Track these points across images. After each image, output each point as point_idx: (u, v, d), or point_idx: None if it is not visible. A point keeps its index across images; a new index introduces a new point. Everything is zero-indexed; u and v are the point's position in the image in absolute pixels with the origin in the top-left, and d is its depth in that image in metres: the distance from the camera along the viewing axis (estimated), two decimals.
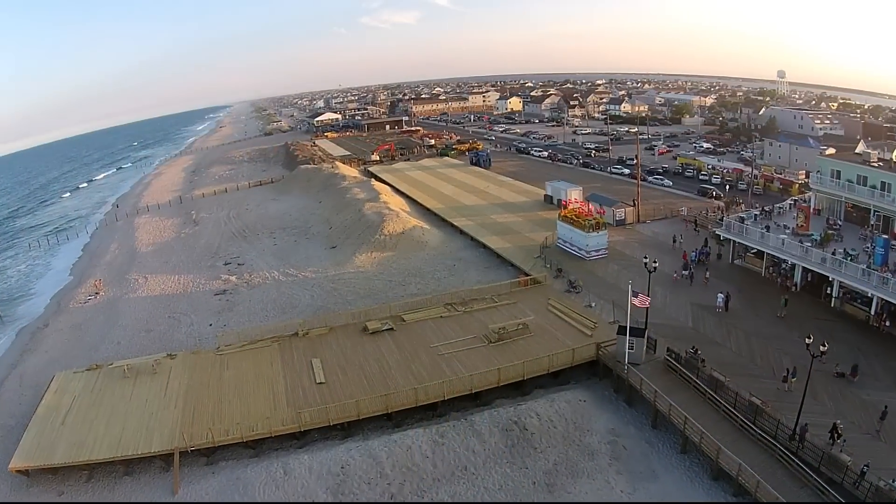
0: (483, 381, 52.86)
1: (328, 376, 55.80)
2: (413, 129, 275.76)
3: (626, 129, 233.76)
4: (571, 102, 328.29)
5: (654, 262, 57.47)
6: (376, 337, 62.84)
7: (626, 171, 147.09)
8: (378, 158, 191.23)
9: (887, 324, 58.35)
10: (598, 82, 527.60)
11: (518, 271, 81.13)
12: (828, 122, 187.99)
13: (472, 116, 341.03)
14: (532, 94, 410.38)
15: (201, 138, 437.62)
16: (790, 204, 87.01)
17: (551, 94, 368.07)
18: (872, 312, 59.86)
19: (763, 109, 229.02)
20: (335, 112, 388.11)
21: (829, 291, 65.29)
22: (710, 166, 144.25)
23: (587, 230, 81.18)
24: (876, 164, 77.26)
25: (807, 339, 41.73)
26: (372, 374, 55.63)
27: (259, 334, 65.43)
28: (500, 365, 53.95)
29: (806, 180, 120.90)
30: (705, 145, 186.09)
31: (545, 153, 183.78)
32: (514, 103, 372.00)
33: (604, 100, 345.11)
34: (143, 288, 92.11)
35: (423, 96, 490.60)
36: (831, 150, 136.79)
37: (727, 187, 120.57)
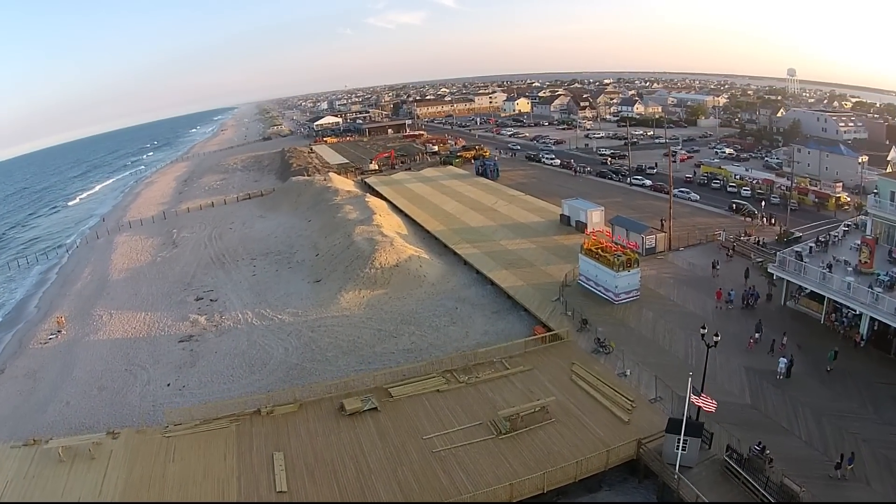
0: (490, 497, 40.07)
1: (291, 481, 43.16)
2: (416, 133, 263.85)
3: (641, 131, 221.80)
4: (581, 103, 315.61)
5: (716, 335, 44.65)
6: (355, 420, 49.82)
7: (648, 182, 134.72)
8: (377, 167, 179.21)
9: None
10: (607, 82, 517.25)
11: (533, 319, 68.30)
12: (851, 124, 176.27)
13: (479, 119, 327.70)
14: (540, 94, 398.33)
15: (201, 143, 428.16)
16: (844, 230, 74.23)
17: (560, 95, 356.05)
18: None
19: (781, 111, 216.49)
20: (337, 115, 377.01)
21: None
22: (737, 176, 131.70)
23: (616, 268, 67.90)
24: None
25: None
26: (346, 482, 42.70)
27: (214, 412, 52.77)
28: (513, 479, 40.84)
29: (843, 193, 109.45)
30: (727, 150, 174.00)
31: (557, 161, 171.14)
32: (523, 105, 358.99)
33: (614, 100, 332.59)
34: (105, 327, 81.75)
35: (427, 97, 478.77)
36: (864, 158, 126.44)
37: (762, 203, 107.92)
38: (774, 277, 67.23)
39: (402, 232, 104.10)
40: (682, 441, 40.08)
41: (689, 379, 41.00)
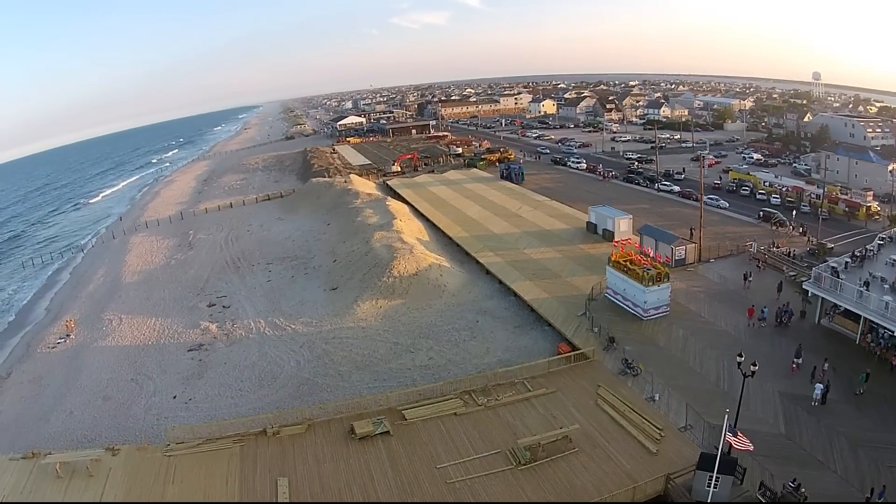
0: None
1: None
2: (440, 134, 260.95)
3: (668, 135, 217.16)
4: (607, 106, 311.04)
5: (754, 364, 41.00)
6: (365, 445, 46.47)
7: (676, 188, 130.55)
8: (399, 169, 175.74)
9: None
10: (632, 83, 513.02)
11: (557, 335, 64.48)
12: (879, 130, 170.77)
13: (504, 120, 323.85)
14: (566, 96, 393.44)
15: (223, 141, 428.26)
16: (879, 244, 70.00)
17: (586, 97, 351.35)
18: None
19: (808, 115, 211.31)
20: (360, 115, 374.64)
21: None
22: (766, 183, 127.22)
23: (646, 283, 63.85)
24: None
25: None
26: None
27: (218, 431, 49.91)
28: None
29: (873, 203, 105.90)
30: (755, 156, 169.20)
31: (583, 164, 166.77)
32: (548, 106, 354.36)
33: (640, 103, 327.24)
34: (115, 333, 79.65)
35: (452, 98, 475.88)
36: (894, 165, 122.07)
37: (793, 212, 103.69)
38: (810, 294, 63.22)
39: (422, 238, 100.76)
40: (713, 479, 36.72)
41: (726, 417, 37.59)
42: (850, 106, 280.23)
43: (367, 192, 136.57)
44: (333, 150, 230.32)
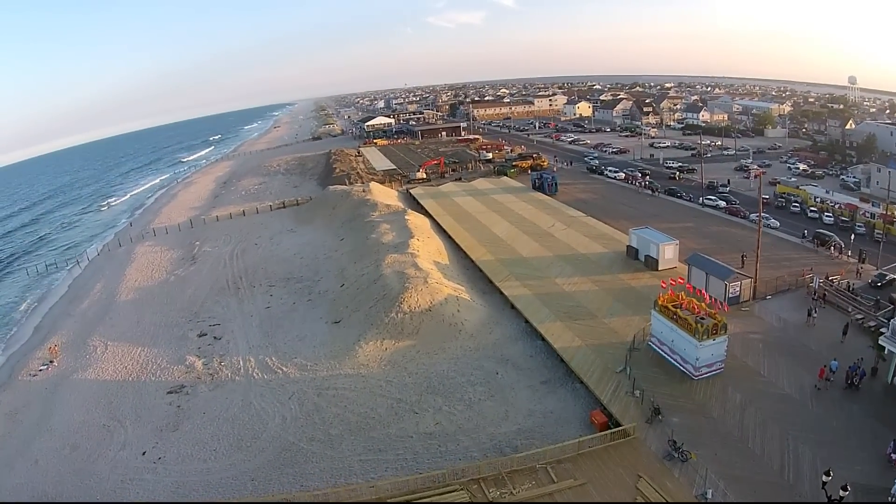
0: None
1: None
2: (471, 137, 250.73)
3: (709, 141, 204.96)
4: (645, 109, 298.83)
5: (844, 489, 31.01)
6: None
7: (722, 203, 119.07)
8: (424, 176, 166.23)
9: None
10: (668, 85, 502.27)
11: (590, 397, 53.79)
12: None
13: (538, 123, 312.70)
14: (601, 98, 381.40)
15: (249, 141, 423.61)
16: None
17: (623, 99, 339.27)
18: None
19: (851, 122, 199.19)
20: (390, 115, 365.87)
21: None
22: (817, 199, 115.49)
23: (699, 336, 52.95)
24: None
25: None
26: None
27: None
28: None
29: None
30: (801, 166, 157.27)
31: (621, 174, 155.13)
32: (584, 108, 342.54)
33: (678, 106, 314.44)
34: (97, 363, 73.30)
35: (486, 98, 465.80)
36: None
37: (852, 235, 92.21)
38: (886, 351, 52.66)
39: (441, 261, 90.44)
40: None
41: None
42: (887, 111, 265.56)
43: (387, 204, 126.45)
44: (359, 152, 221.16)
